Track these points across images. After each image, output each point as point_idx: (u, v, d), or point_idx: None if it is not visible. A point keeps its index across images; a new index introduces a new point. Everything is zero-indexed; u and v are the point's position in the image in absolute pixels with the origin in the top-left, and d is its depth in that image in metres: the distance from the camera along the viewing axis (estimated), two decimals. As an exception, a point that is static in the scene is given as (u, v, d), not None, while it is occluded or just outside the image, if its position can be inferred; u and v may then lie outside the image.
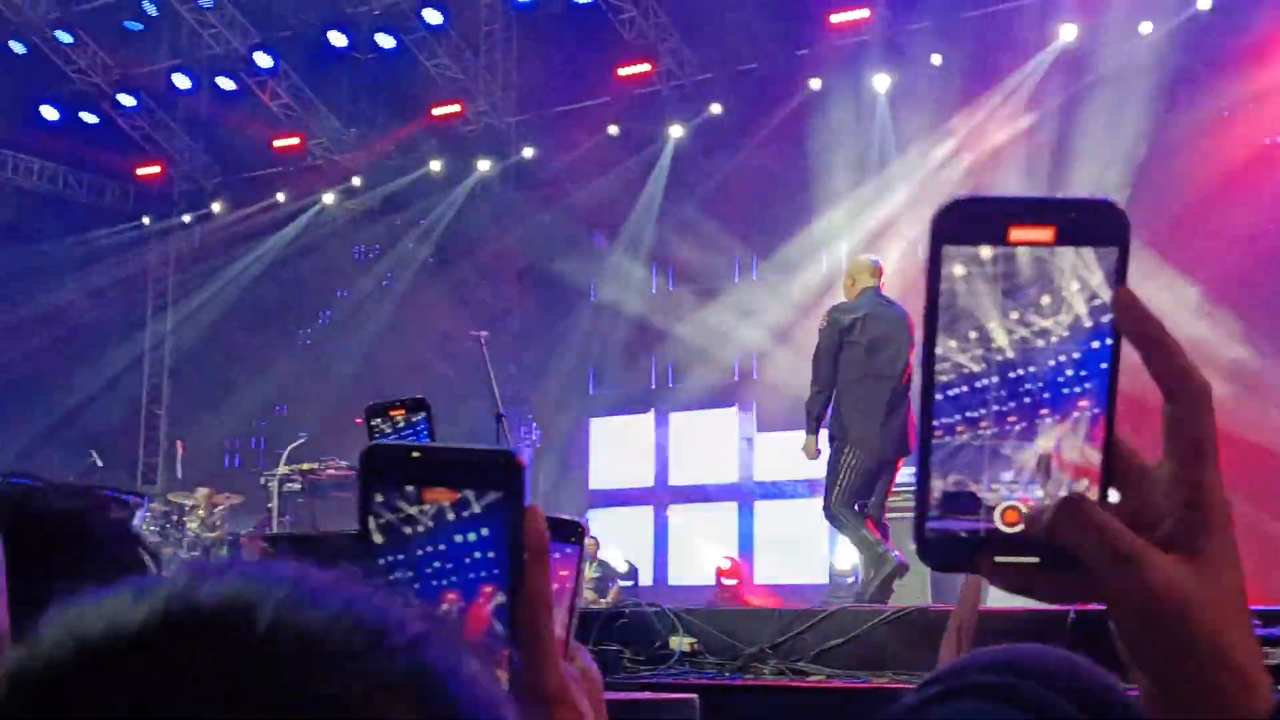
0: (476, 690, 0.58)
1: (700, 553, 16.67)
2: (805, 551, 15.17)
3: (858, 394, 8.06)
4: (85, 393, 19.16)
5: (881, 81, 15.38)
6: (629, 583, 15.54)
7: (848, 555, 10.58)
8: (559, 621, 1.15)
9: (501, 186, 18.07)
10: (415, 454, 0.83)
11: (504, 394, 10.65)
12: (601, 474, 18.31)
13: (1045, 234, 0.77)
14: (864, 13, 15.23)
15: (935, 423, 0.78)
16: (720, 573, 15.68)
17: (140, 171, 20.15)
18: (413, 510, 0.82)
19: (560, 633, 1.15)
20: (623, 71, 16.72)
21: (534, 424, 17.90)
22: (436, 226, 18.65)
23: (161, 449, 20.00)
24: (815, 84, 15.59)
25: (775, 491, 16.64)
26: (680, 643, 6.58)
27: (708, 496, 17.46)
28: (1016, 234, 0.77)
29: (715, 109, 16.38)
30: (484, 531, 0.82)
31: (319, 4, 17.08)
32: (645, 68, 16.65)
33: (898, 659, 6.13)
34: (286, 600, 0.56)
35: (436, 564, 0.82)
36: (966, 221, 0.78)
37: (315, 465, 12.65)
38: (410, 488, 0.82)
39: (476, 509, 0.82)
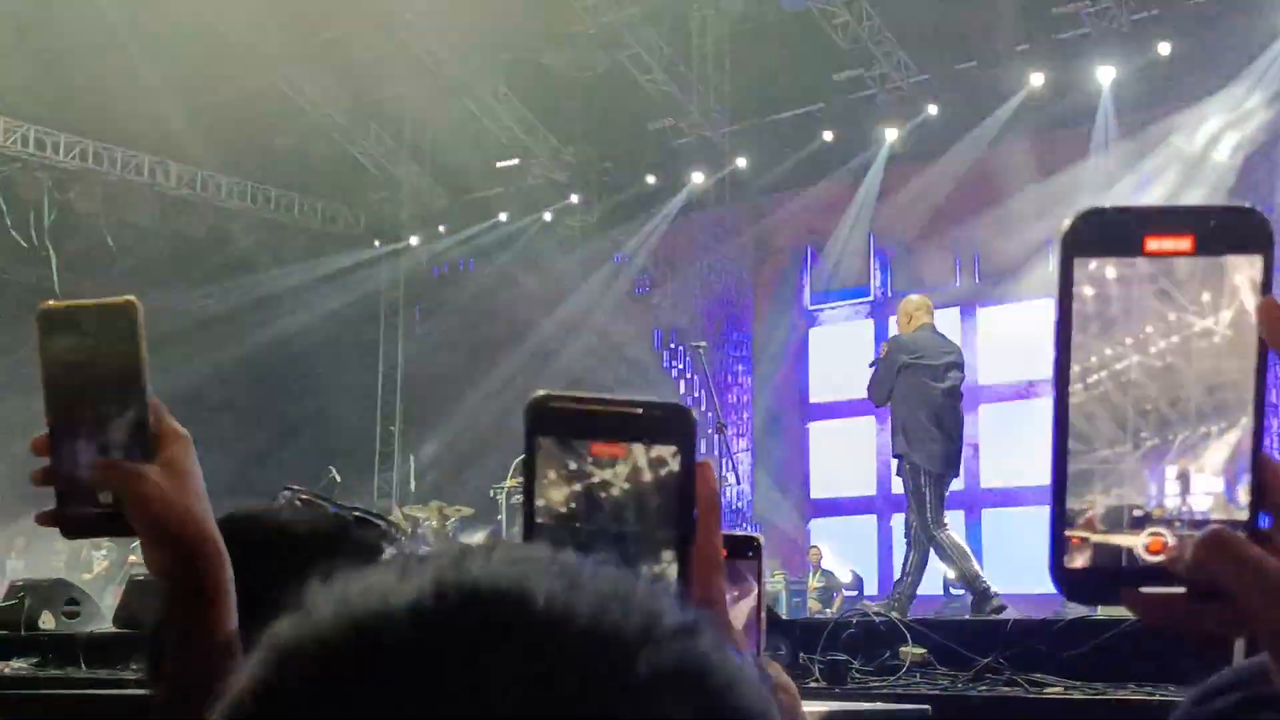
0: (744, 681, 0.56)
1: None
2: (1036, 559, 14.70)
3: (926, 419, 8.72)
4: (324, 411, 19.95)
5: (1106, 74, 14.89)
6: (854, 592, 15.39)
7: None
8: (748, 635, 1.14)
9: (716, 196, 18.15)
10: (585, 406, 0.79)
11: (723, 403, 10.68)
12: (822, 483, 18.13)
13: (1183, 244, 0.74)
14: (1087, 3, 14.79)
15: (1071, 443, 0.74)
16: (950, 582, 15.36)
17: (370, 197, 20.92)
18: (582, 466, 0.78)
19: (749, 645, 1.13)
20: (836, 77, 16.59)
21: (751, 434, 17.89)
22: (652, 238, 18.84)
23: (395, 464, 20.70)
24: (1036, 79, 15.19)
25: (1004, 499, 16.21)
26: (911, 652, 6.47)
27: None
28: (1152, 244, 0.74)
29: (932, 110, 16.11)
30: (655, 489, 0.77)
31: (537, 26, 17.46)
32: (859, 72, 16.49)
33: (1139, 669, 5.90)
34: (558, 583, 0.54)
35: (617, 525, 0.77)
36: (1099, 233, 0.75)
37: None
38: (579, 442, 0.78)
39: (646, 464, 0.77)
